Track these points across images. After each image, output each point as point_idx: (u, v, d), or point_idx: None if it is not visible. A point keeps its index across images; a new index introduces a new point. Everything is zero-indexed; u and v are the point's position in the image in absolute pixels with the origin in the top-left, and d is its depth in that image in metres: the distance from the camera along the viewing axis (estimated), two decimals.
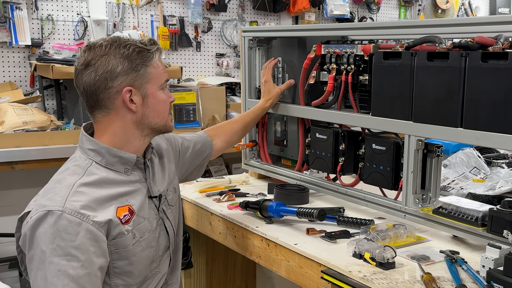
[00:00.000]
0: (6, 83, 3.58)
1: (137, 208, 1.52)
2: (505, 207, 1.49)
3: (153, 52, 1.53)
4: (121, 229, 1.46)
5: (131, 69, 1.49)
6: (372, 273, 1.47)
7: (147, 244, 1.55)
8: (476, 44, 1.52)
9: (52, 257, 1.35)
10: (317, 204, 2.10)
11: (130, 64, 1.49)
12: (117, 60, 1.48)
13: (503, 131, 1.46)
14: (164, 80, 1.57)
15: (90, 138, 1.54)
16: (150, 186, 1.60)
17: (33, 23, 3.71)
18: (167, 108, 1.60)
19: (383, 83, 1.77)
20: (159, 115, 1.57)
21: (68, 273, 1.35)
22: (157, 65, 1.55)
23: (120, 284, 1.50)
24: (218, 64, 4.51)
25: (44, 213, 1.38)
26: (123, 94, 1.49)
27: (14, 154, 2.99)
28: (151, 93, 1.54)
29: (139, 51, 1.50)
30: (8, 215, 3.45)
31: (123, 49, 1.49)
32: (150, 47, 1.53)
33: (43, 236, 1.37)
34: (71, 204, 1.39)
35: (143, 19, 4.15)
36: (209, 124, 3.72)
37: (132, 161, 1.55)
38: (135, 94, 1.51)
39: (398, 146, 1.80)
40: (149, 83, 1.53)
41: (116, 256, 1.47)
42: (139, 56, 1.50)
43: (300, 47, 2.18)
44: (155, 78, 1.54)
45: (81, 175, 1.47)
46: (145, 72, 1.51)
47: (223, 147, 2.07)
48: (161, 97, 1.57)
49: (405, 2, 5.46)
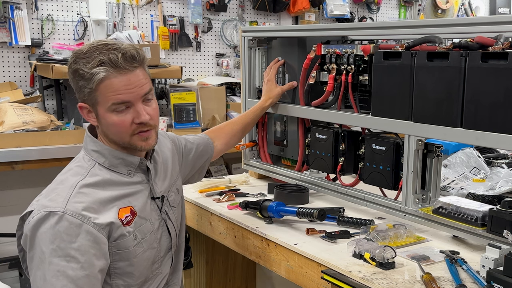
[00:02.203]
0: (6, 83, 3.58)
1: (139, 209, 1.52)
2: (505, 207, 1.49)
3: (94, 74, 1.42)
4: (122, 230, 1.46)
5: (78, 88, 1.48)
6: (372, 273, 1.47)
7: (149, 245, 1.55)
8: (476, 44, 1.52)
9: (51, 258, 1.36)
10: (317, 204, 2.10)
11: (76, 83, 1.48)
12: (70, 75, 1.50)
13: (503, 131, 1.46)
14: (111, 103, 1.45)
15: (94, 139, 1.55)
16: (152, 187, 1.60)
17: (33, 23, 3.71)
18: (123, 130, 1.48)
19: (383, 83, 1.77)
20: (115, 135, 1.50)
21: (67, 274, 1.35)
22: (105, 88, 1.44)
23: (121, 285, 1.50)
24: (218, 64, 4.51)
25: (45, 213, 1.38)
26: (79, 109, 1.52)
27: (14, 154, 2.99)
28: (101, 114, 1.48)
29: (81, 73, 1.44)
30: (8, 215, 3.45)
31: (73, 64, 1.47)
32: (95, 69, 1.42)
33: (44, 237, 1.37)
34: (72, 205, 1.39)
35: (143, 19, 4.15)
36: (209, 124, 3.72)
37: (136, 164, 1.55)
38: (91, 110, 1.50)
39: (398, 146, 1.80)
40: (97, 104, 1.47)
41: (117, 257, 1.47)
42: (81, 78, 1.45)
43: (300, 47, 2.18)
44: (101, 101, 1.46)
45: (84, 176, 1.47)
46: (91, 94, 1.45)
47: (223, 149, 2.08)
48: (111, 120, 1.47)
49: (405, 2, 5.46)
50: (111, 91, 1.44)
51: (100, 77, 1.42)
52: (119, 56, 1.43)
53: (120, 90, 1.45)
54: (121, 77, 1.44)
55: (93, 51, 1.45)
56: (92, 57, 1.44)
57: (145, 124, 1.50)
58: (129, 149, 1.54)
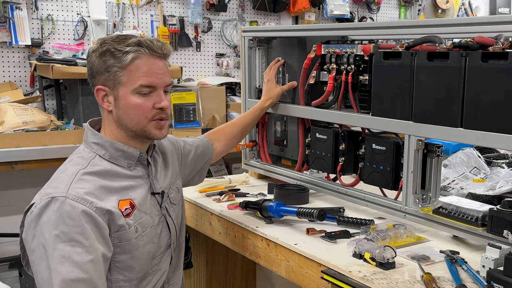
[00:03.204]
0: (6, 83, 3.58)
1: (138, 203, 1.53)
2: (505, 207, 1.49)
3: (129, 52, 1.47)
4: (123, 222, 1.47)
5: (104, 69, 1.49)
6: (372, 273, 1.47)
7: (149, 239, 1.56)
8: (476, 44, 1.52)
9: (56, 244, 1.36)
10: (317, 204, 2.10)
11: (104, 63, 1.49)
12: (96, 59, 1.51)
13: (503, 131, 1.46)
14: (140, 84, 1.48)
15: (95, 132, 1.56)
16: (152, 182, 1.61)
17: (33, 23, 3.71)
18: (143, 114, 1.51)
19: (383, 83, 1.77)
20: (133, 119, 1.52)
21: (73, 259, 1.35)
22: (135, 68, 1.48)
23: (121, 280, 1.51)
24: (218, 64, 4.51)
25: (48, 200, 1.39)
26: (95, 92, 1.53)
27: (14, 154, 2.99)
28: (122, 96, 1.50)
29: (112, 51, 1.48)
30: (8, 215, 3.45)
31: (101, 47, 1.49)
32: (130, 48, 1.47)
33: (47, 224, 1.37)
34: (74, 190, 1.41)
35: (143, 19, 4.15)
36: (209, 124, 3.72)
37: (135, 156, 1.56)
38: (109, 93, 1.52)
39: (398, 146, 1.80)
40: (122, 85, 1.49)
41: (118, 250, 1.48)
42: (112, 56, 1.48)
43: (300, 47, 2.18)
44: (128, 82, 1.48)
45: (85, 165, 1.49)
46: (117, 73, 1.48)
47: (223, 151, 2.09)
48: (133, 102, 1.50)
49: (405, 2, 5.46)
50: (142, 72, 1.49)
51: (135, 55, 1.47)
52: (154, 42, 1.51)
53: (150, 72, 1.50)
54: (153, 60, 1.50)
55: (124, 38, 1.51)
56: (126, 40, 1.49)
57: (164, 111, 1.54)
58: (139, 138, 1.56)
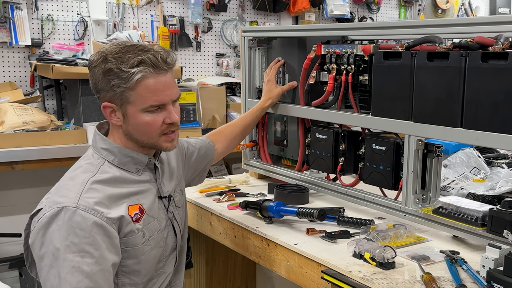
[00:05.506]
0: (6, 83, 3.58)
1: (148, 208, 1.53)
2: (505, 207, 1.49)
3: (134, 74, 1.42)
4: (132, 227, 1.47)
5: (109, 87, 1.45)
6: (372, 273, 1.47)
7: (156, 243, 1.56)
8: (476, 44, 1.52)
9: (66, 254, 1.36)
10: (317, 204, 2.10)
11: (108, 82, 1.44)
12: (100, 76, 1.46)
13: (503, 131, 1.46)
14: (149, 105, 1.45)
15: (104, 137, 1.55)
16: (160, 186, 1.61)
17: (33, 23, 3.70)
18: (153, 130, 1.49)
19: (383, 83, 1.77)
20: (143, 135, 1.50)
21: (82, 270, 1.35)
22: (143, 89, 1.44)
23: (127, 283, 1.51)
24: (218, 64, 4.51)
25: (58, 209, 1.38)
26: (103, 108, 1.50)
27: (14, 154, 2.99)
28: (131, 114, 1.47)
29: (116, 71, 1.42)
30: (8, 215, 3.44)
31: (104, 63, 1.44)
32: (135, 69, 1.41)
33: (57, 233, 1.37)
34: (85, 200, 1.40)
35: (143, 19, 4.15)
36: (209, 124, 3.72)
37: (144, 162, 1.56)
38: (117, 109, 1.48)
39: (398, 146, 1.80)
40: (130, 104, 1.45)
41: (125, 255, 1.47)
42: (116, 76, 1.43)
43: (300, 47, 2.18)
44: (136, 101, 1.45)
45: (94, 172, 1.48)
46: (124, 93, 1.44)
47: (223, 152, 2.09)
48: (143, 120, 1.47)
49: (405, 2, 5.46)
50: (150, 92, 1.44)
51: (140, 77, 1.42)
52: (158, 57, 1.44)
53: (158, 91, 1.46)
54: (159, 78, 1.45)
55: (125, 52, 1.44)
56: (128, 57, 1.43)
57: (174, 124, 1.52)
58: (150, 149, 1.55)
